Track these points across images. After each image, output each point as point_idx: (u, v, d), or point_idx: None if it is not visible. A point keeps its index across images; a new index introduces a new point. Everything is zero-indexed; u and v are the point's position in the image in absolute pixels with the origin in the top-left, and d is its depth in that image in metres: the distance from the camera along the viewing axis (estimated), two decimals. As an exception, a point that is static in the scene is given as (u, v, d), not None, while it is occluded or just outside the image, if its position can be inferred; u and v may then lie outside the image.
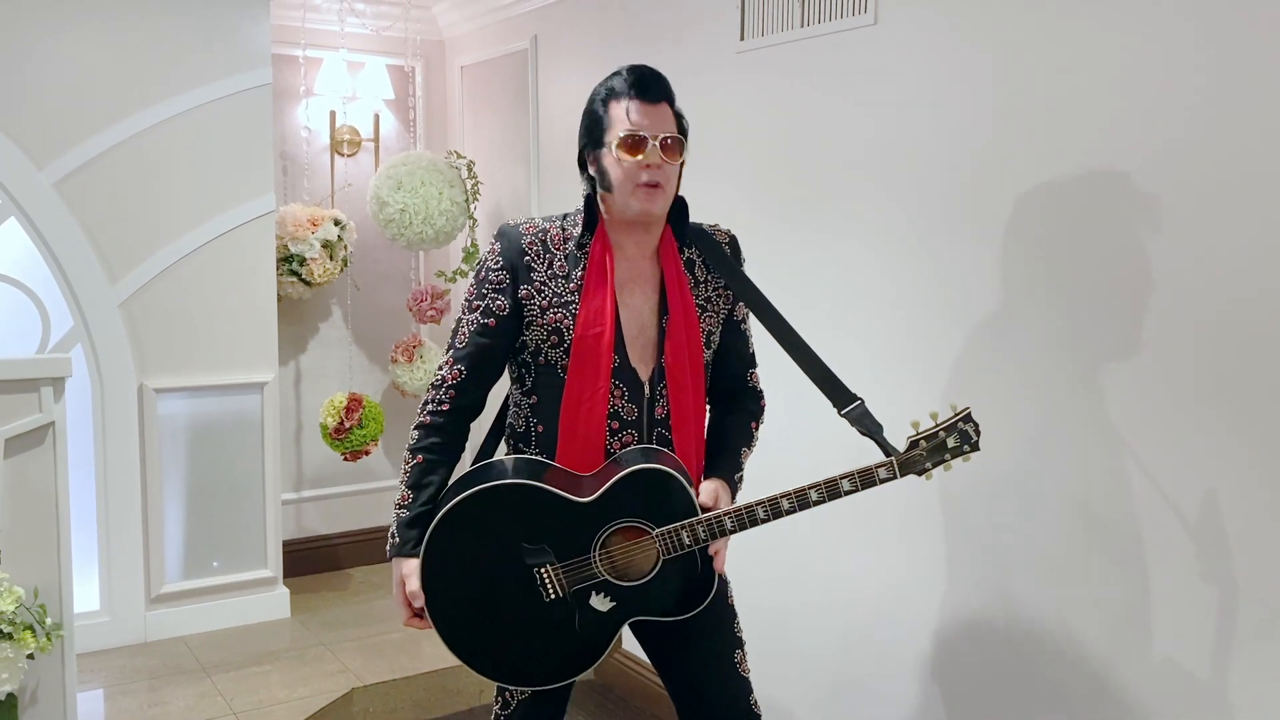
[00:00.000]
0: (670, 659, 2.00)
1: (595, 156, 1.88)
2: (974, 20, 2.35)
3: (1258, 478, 1.90)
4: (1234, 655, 1.96)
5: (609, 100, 1.85)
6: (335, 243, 4.22)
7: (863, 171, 2.65)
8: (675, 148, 1.83)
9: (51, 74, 3.56)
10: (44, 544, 2.66)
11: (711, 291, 1.96)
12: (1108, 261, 2.11)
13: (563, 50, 3.93)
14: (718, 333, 1.98)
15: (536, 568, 1.81)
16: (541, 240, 1.89)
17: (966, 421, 1.81)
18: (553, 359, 1.88)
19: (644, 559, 1.82)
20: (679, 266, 1.92)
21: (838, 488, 1.78)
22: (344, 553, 4.70)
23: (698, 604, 1.88)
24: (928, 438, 1.81)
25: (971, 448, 1.82)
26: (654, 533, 1.80)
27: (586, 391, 1.84)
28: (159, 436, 3.81)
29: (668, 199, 1.87)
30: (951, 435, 1.81)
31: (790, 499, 1.79)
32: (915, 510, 2.55)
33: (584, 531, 1.81)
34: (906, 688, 2.60)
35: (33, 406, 2.65)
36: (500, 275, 1.88)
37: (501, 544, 1.82)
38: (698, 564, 1.86)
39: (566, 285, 1.87)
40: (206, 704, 3.34)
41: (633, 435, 1.88)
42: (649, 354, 1.89)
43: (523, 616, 1.83)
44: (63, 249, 3.60)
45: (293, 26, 4.33)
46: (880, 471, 1.79)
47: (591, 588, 1.82)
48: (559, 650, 1.85)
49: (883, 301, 2.61)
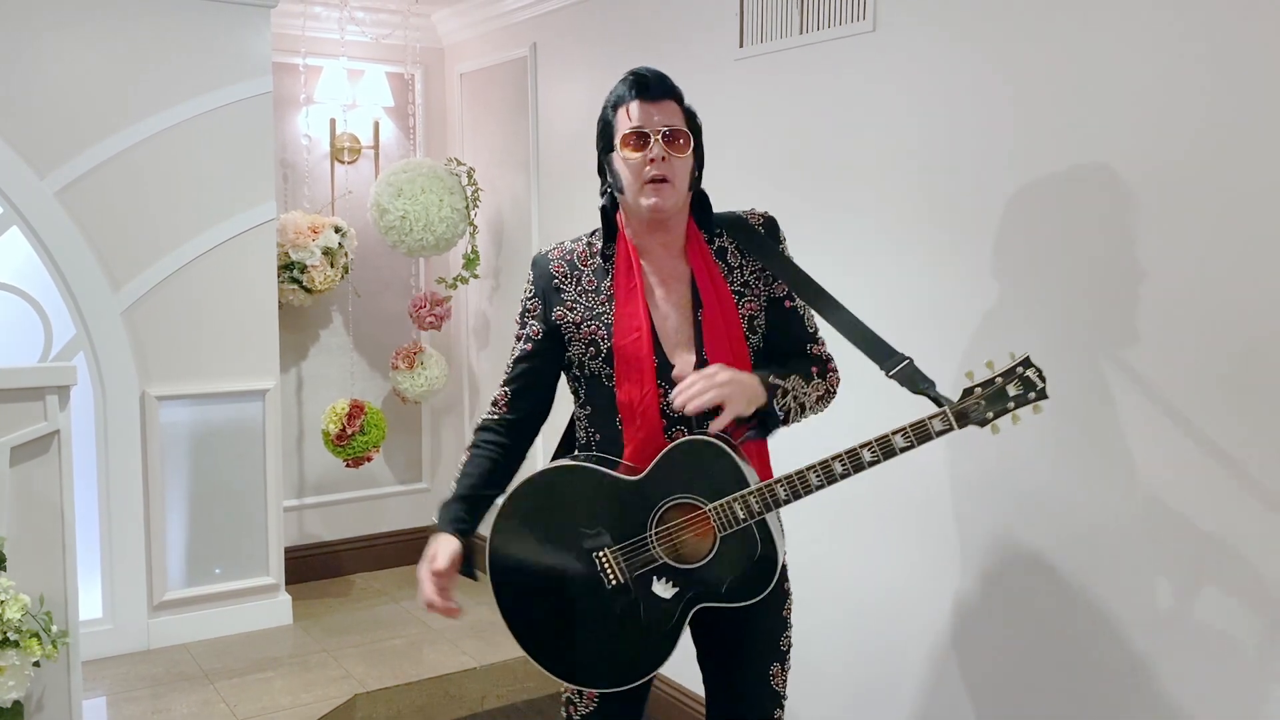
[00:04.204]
0: (713, 656, 1.99)
1: (609, 161, 1.90)
2: (972, 26, 2.37)
3: (1259, 477, 1.91)
4: (1235, 656, 1.97)
5: (617, 106, 1.87)
6: (336, 250, 4.23)
7: (862, 177, 2.66)
8: (680, 141, 1.84)
9: (53, 83, 3.57)
10: (49, 552, 2.67)
11: (749, 275, 1.94)
12: (1106, 263, 2.13)
13: (562, 57, 3.94)
14: (761, 316, 1.95)
15: (595, 551, 1.82)
16: (569, 261, 1.94)
17: (1027, 367, 1.72)
18: (594, 370, 1.91)
19: (701, 539, 1.80)
20: (708, 258, 1.92)
21: (891, 445, 1.72)
22: (346, 559, 4.71)
23: (762, 588, 1.82)
24: (984, 385, 1.74)
25: (1039, 395, 1.72)
26: (708, 507, 1.78)
27: (637, 396, 1.86)
28: (161, 444, 3.82)
29: (677, 193, 1.86)
30: (1011, 383, 1.72)
31: (843, 460, 1.74)
32: (918, 513, 2.56)
33: (637, 512, 1.81)
34: (914, 691, 2.61)
35: (38, 415, 2.66)
36: (533, 303, 1.95)
37: (561, 531, 1.84)
38: (758, 545, 1.81)
39: (597, 298, 1.90)
40: (209, 711, 3.35)
41: (682, 431, 1.87)
42: (687, 350, 1.89)
43: (588, 607, 1.83)
44: (65, 257, 3.61)
45: (293, 35, 4.35)
46: (935, 423, 1.72)
47: (652, 573, 1.81)
48: (627, 645, 1.84)
49: (882, 304, 2.62)
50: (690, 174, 1.89)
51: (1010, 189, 2.31)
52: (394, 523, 4.80)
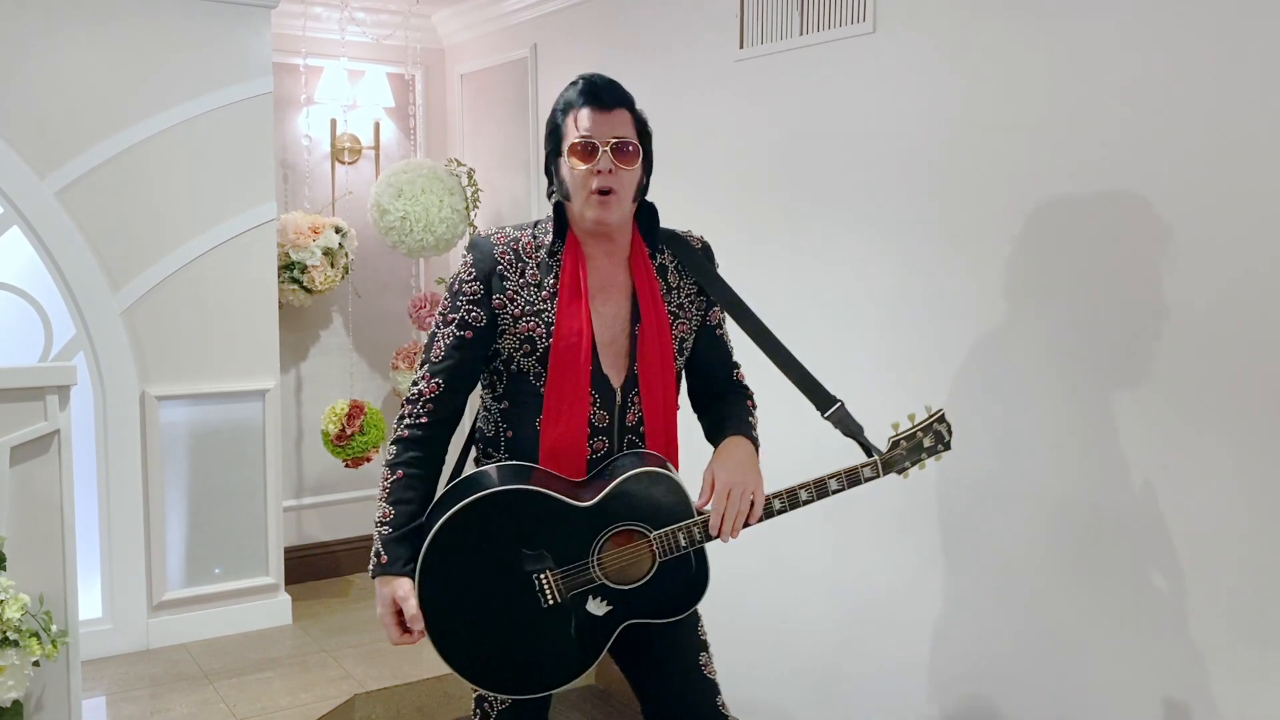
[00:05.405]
0: (638, 663, 1.99)
1: (556, 166, 1.88)
2: (972, 29, 2.37)
3: (1256, 481, 1.92)
4: (1233, 658, 1.97)
5: (566, 110, 1.85)
6: (336, 250, 4.23)
7: (861, 179, 2.67)
8: (629, 153, 1.82)
9: (53, 83, 3.58)
10: (49, 552, 2.67)
11: (684, 298, 1.95)
12: (1103, 268, 2.13)
13: (562, 58, 3.95)
14: (690, 340, 1.97)
15: (535, 574, 1.80)
16: (513, 249, 1.88)
17: (940, 422, 1.94)
18: (525, 367, 1.87)
19: (640, 562, 1.83)
20: (650, 274, 1.92)
21: (825, 487, 1.86)
22: (345, 559, 4.71)
23: (691, 604, 1.89)
24: (907, 438, 1.92)
25: (945, 447, 1.94)
26: (651, 535, 1.81)
27: (566, 400, 1.84)
28: (161, 444, 3.82)
29: (622, 206, 1.85)
30: (928, 435, 1.92)
31: (781, 499, 1.86)
32: (911, 512, 2.56)
33: (582, 536, 1.81)
34: (902, 688, 2.61)
35: (38, 415, 2.66)
36: (474, 286, 1.87)
37: (499, 552, 1.80)
38: (692, 564, 1.87)
39: (539, 294, 1.86)
40: (209, 711, 3.35)
41: (604, 442, 1.88)
42: (620, 361, 1.89)
43: (518, 624, 1.82)
44: (65, 257, 3.61)
45: (293, 35, 4.35)
46: (865, 470, 1.88)
47: (588, 592, 1.82)
48: (554, 657, 1.84)
49: (881, 306, 2.63)
50: (638, 184, 1.88)
51: (1010, 190, 2.31)
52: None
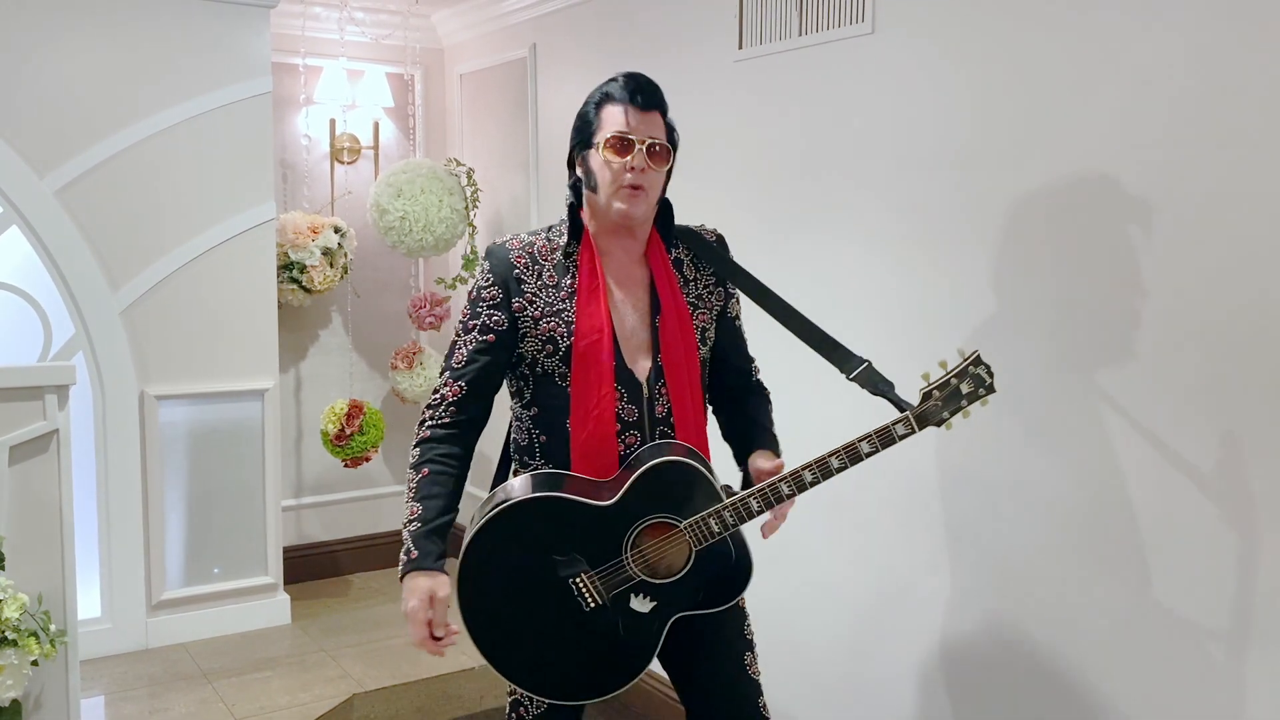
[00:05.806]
0: (684, 662, 1.99)
1: (584, 158, 1.91)
2: (971, 29, 2.38)
3: (1254, 480, 1.92)
4: (1233, 658, 1.97)
5: (603, 104, 1.89)
6: (335, 250, 4.23)
7: (860, 179, 2.67)
8: (661, 154, 1.87)
9: (52, 83, 3.58)
10: (48, 551, 2.67)
11: (702, 289, 1.99)
12: (1103, 266, 2.13)
13: (561, 58, 3.95)
14: (712, 329, 2.00)
15: (571, 578, 1.81)
16: (529, 253, 1.91)
17: (977, 364, 1.80)
18: (549, 368, 1.89)
19: (677, 554, 1.83)
20: (668, 266, 1.95)
21: (858, 451, 1.77)
22: (344, 559, 4.71)
23: (737, 592, 1.88)
24: (940, 387, 1.79)
25: (987, 390, 1.80)
26: (682, 524, 1.81)
27: (592, 397, 1.86)
28: (160, 443, 3.83)
29: (649, 204, 1.89)
30: (964, 381, 1.79)
31: (813, 470, 1.79)
32: (914, 510, 2.57)
33: (612, 535, 1.81)
34: (907, 688, 2.61)
35: (37, 414, 2.66)
36: (493, 291, 1.89)
37: (533, 561, 1.81)
38: (732, 551, 1.86)
39: (557, 294, 1.89)
40: (207, 710, 3.35)
41: (635, 436, 1.89)
42: (644, 355, 1.91)
43: (568, 630, 1.82)
44: (64, 257, 3.62)
45: (293, 35, 4.35)
46: (898, 428, 1.78)
47: (629, 590, 1.82)
48: (607, 659, 1.85)
49: (881, 307, 2.63)
50: (662, 185, 1.92)
51: (1009, 191, 2.31)
52: (392, 523, 4.80)
